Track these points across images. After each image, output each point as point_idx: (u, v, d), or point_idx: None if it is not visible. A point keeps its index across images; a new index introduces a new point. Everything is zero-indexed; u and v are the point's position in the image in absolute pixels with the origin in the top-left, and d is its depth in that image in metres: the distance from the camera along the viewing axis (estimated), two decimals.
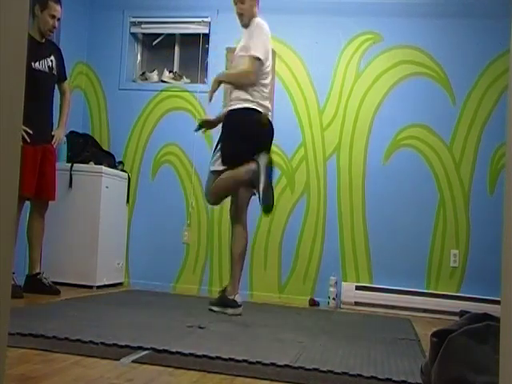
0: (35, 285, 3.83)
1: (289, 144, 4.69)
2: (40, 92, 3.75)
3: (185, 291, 4.58)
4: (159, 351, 2.24)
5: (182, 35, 5.14)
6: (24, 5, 0.88)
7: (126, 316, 3.11)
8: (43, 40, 3.84)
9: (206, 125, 3.70)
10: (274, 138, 4.70)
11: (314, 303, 4.44)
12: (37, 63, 3.75)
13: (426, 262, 4.43)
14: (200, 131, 3.79)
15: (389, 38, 4.60)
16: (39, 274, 3.91)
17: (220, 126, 3.56)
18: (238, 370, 2.06)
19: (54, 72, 3.89)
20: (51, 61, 3.86)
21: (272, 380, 1.99)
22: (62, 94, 4.04)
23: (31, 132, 3.61)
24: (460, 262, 4.40)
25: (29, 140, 3.59)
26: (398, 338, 3.03)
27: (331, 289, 4.43)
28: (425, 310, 4.28)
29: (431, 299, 4.29)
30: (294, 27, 4.74)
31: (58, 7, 3.80)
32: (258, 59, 3.37)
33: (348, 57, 4.66)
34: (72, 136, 4.59)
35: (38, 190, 3.76)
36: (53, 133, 3.91)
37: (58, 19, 3.83)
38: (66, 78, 4.07)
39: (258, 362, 2.16)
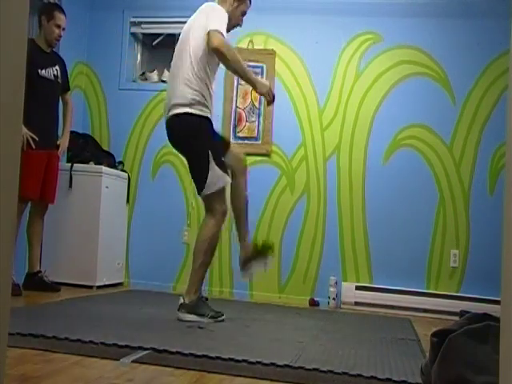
0: (35, 283, 3.91)
1: (289, 144, 4.69)
2: (46, 98, 3.89)
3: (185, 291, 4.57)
4: (159, 351, 2.24)
5: None
6: (24, 7, 0.88)
7: (126, 316, 3.11)
8: (49, 50, 3.98)
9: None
10: (274, 138, 4.74)
11: (313, 303, 4.44)
12: (43, 71, 3.88)
13: (425, 262, 4.43)
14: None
15: (389, 38, 4.60)
16: (40, 272, 4.00)
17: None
18: (238, 370, 2.06)
19: (59, 80, 4.02)
20: (56, 70, 4.00)
21: (272, 380, 1.99)
22: (65, 103, 4.18)
23: (37, 138, 3.75)
24: (460, 261, 4.40)
25: (34, 146, 3.71)
26: (398, 338, 3.03)
27: (331, 289, 4.43)
28: (425, 310, 4.28)
29: (431, 299, 4.29)
30: (294, 27, 4.74)
31: (62, 17, 3.97)
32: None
33: (348, 57, 4.66)
34: (72, 136, 4.58)
35: (40, 193, 3.87)
36: (58, 142, 4.04)
37: (63, 28, 3.98)
38: (69, 89, 4.20)
39: (258, 362, 2.16)
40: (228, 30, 3.27)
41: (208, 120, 3.15)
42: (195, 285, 3.12)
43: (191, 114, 3.08)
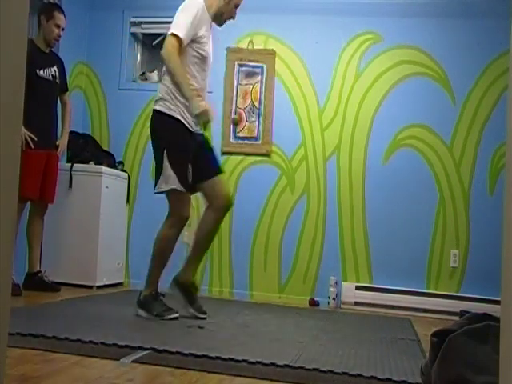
0: (35, 283, 3.92)
1: (289, 144, 4.69)
2: (44, 98, 3.90)
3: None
4: (159, 351, 2.24)
5: None
6: (24, 7, 0.88)
7: (126, 316, 3.11)
8: (47, 50, 3.98)
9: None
10: (274, 138, 4.74)
11: (313, 303, 4.44)
12: (41, 71, 3.88)
13: (425, 262, 4.43)
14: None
15: (389, 38, 4.60)
16: (40, 272, 4.00)
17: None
18: (238, 370, 2.06)
19: (57, 81, 4.03)
20: (54, 70, 4.00)
21: (272, 380, 1.99)
22: (64, 104, 4.18)
23: (35, 138, 3.76)
24: (460, 261, 4.40)
25: (32, 146, 3.74)
26: (398, 338, 3.03)
27: (331, 289, 4.43)
28: (425, 310, 4.28)
29: (431, 299, 4.29)
30: (294, 27, 4.74)
31: (62, 17, 3.98)
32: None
33: (348, 57, 4.66)
34: (72, 136, 4.58)
35: (39, 193, 3.88)
36: (57, 142, 4.06)
37: (63, 29, 3.99)
38: (67, 90, 4.21)
39: (257, 362, 2.16)
40: (221, 24, 3.35)
41: (175, 120, 3.10)
42: (149, 282, 3.22)
43: (158, 111, 3.14)
